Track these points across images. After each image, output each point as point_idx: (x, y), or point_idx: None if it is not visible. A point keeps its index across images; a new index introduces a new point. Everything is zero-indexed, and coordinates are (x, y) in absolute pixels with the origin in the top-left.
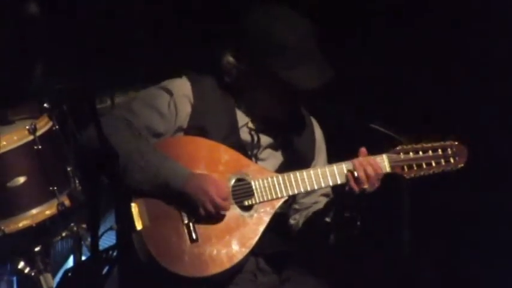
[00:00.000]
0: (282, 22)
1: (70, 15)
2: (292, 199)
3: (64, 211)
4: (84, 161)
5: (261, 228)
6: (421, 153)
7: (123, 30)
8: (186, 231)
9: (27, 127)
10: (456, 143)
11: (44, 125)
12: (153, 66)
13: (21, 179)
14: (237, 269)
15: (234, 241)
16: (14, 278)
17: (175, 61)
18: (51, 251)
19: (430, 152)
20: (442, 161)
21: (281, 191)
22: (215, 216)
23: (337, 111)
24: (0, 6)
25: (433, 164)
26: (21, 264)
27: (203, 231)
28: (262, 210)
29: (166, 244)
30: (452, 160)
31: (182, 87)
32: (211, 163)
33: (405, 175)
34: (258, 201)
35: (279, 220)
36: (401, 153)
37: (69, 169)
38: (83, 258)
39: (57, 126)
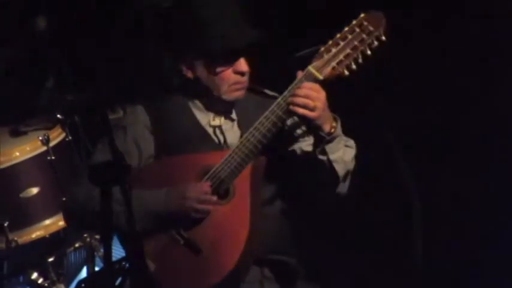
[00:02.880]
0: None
1: (80, 26)
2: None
3: None
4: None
5: (247, 207)
6: (341, 42)
7: (134, 40)
8: (188, 249)
9: (40, 138)
10: (366, 12)
11: (56, 136)
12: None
13: (34, 190)
14: (244, 274)
15: (228, 234)
16: None
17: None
18: (64, 261)
19: (349, 35)
20: (364, 36)
21: (241, 158)
22: (206, 216)
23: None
24: (9, 20)
25: (358, 44)
26: (34, 275)
27: (201, 240)
28: (238, 190)
29: (179, 274)
30: (372, 28)
31: (137, 118)
32: (183, 176)
33: (341, 73)
34: (230, 181)
35: (282, 223)
36: (324, 55)
37: None
38: (96, 269)
39: (70, 137)
